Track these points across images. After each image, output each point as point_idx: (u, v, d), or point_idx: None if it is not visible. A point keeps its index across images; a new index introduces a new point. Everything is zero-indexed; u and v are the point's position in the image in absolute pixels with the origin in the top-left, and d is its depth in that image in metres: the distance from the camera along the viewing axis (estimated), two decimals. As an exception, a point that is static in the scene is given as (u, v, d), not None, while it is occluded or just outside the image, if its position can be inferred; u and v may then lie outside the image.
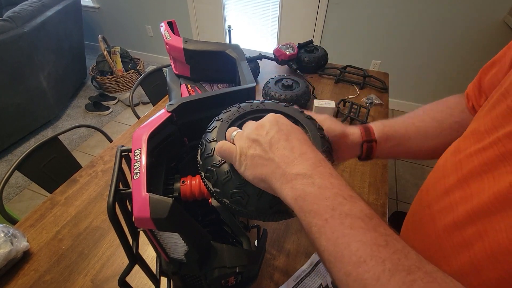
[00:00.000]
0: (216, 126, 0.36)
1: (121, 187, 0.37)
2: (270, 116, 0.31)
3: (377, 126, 0.46)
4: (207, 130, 0.37)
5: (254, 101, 0.40)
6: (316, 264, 0.59)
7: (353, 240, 0.21)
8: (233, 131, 0.33)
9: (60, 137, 0.96)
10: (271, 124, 0.30)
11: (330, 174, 0.26)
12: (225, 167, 0.32)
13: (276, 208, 0.32)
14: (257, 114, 0.39)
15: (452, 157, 0.34)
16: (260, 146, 0.28)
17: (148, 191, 0.30)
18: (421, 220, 0.37)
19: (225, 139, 0.34)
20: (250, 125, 0.32)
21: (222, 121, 0.37)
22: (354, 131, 0.46)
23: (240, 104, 0.40)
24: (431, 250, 0.33)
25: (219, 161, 0.33)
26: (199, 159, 0.36)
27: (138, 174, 0.32)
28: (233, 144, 0.31)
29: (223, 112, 0.39)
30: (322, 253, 0.23)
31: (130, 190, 0.33)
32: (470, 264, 0.27)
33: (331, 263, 0.22)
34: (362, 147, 0.45)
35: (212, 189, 0.33)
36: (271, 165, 0.27)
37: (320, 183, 0.25)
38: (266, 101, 0.40)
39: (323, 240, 0.23)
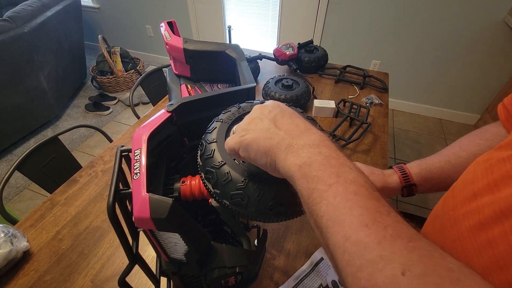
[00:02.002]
0: (216, 127, 0.36)
1: (121, 187, 0.37)
2: (270, 101, 0.32)
3: (414, 169, 0.51)
4: (207, 131, 0.37)
5: (254, 101, 0.40)
6: (316, 264, 0.59)
7: (357, 205, 0.21)
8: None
9: (60, 137, 0.96)
10: (273, 105, 0.31)
11: (336, 148, 0.26)
12: (225, 168, 0.32)
13: (276, 209, 0.32)
14: None
15: (484, 163, 0.34)
16: (263, 122, 0.29)
17: (148, 191, 0.30)
18: (443, 223, 0.36)
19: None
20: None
21: (222, 122, 0.37)
22: (393, 179, 0.51)
23: (240, 104, 0.40)
24: (452, 251, 0.33)
25: (219, 162, 0.33)
26: (199, 160, 0.36)
27: (138, 174, 0.32)
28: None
29: (223, 112, 0.39)
30: (321, 218, 0.22)
31: (130, 190, 0.33)
32: (494, 263, 0.27)
33: (328, 228, 0.22)
34: (402, 191, 0.51)
35: (212, 190, 0.33)
36: (277, 137, 0.27)
37: (327, 152, 0.25)
38: (266, 101, 0.40)
39: (324, 205, 0.22)
